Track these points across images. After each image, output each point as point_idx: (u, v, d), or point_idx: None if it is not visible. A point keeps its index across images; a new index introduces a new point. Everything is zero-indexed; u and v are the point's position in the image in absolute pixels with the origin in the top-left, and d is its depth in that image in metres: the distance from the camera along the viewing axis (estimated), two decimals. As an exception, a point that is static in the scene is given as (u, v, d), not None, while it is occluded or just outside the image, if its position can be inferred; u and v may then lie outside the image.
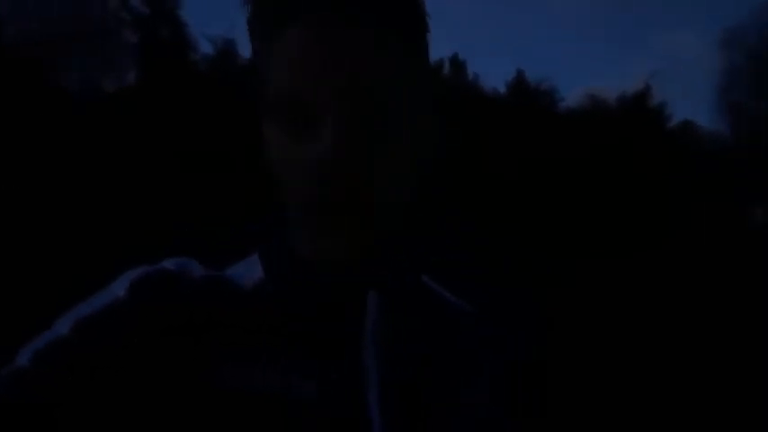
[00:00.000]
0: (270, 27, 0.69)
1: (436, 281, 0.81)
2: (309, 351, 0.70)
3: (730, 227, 13.30)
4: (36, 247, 8.91)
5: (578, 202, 12.83)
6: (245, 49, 14.26)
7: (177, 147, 11.28)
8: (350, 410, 0.69)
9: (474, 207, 11.42)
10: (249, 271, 0.75)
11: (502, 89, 15.25)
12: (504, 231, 11.53)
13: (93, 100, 11.99)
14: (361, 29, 0.67)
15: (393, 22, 0.69)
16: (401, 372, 0.72)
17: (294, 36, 0.67)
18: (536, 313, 0.82)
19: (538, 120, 13.80)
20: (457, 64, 15.40)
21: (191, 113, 11.88)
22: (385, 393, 0.70)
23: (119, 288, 0.72)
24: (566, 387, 0.81)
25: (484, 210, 11.63)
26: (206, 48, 15.37)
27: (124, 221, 9.71)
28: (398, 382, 0.71)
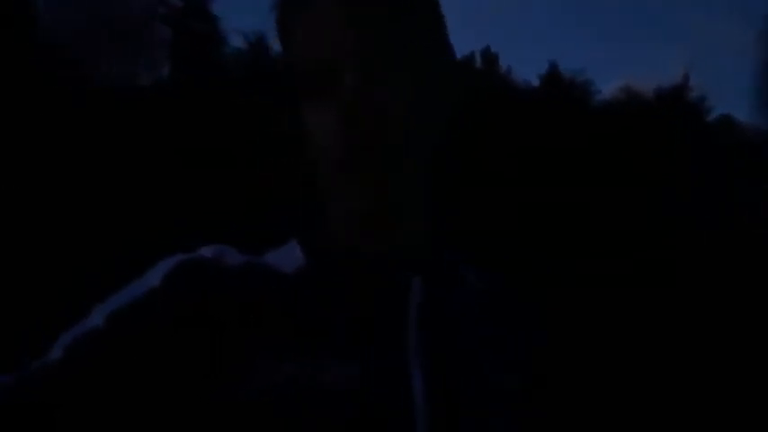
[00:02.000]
0: (297, 2, 0.73)
1: (471, 270, 0.82)
2: (352, 336, 0.70)
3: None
4: (75, 235, 9.02)
5: (613, 197, 12.62)
6: (276, 43, 14.27)
7: (208, 140, 11.35)
8: (393, 396, 0.68)
9: (506, 200, 11.29)
10: (288, 257, 0.75)
11: (535, 82, 15.13)
12: (535, 226, 11.39)
13: (128, 94, 12.12)
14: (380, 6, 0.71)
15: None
16: (444, 357, 0.72)
17: (321, 5, 0.71)
18: (553, 312, 0.84)
19: (572, 113, 13.60)
20: (489, 57, 15.27)
21: (222, 107, 11.94)
22: (428, 379, 0.70)
23: (154, 278, 0.71)
24: (582, 383, 0.82)
25: (516, 203, 11.49)
26: (237, 42, 15.42)
27: (159, 210, 9.78)
28: (441, 367, 0.71)
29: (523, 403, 0.75)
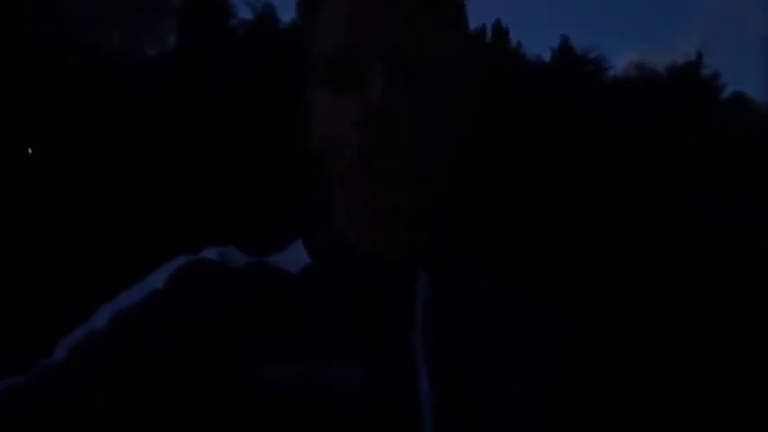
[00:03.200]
0: None
1: (480, 266, 0.81)
2: (359, 335, 0.70)
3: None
4: (75, 224, 8.95)
5: (626, 173, 12.51)
6: (284, 14, 14.20)
7: (215, 111, 11.22)
8: (399, 396, 0.68)
9: (516, 177, 11.20)
10: (293, 257, 0.75)
11: (546, 57, 14.94)
12: (545, 203, 11.31)
13: (135, 64, 11.98)
14: None
15: None
16: (450, 356, 0.71)
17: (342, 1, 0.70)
18: (568, 308, 0.83)
19: (584, 89, 13.44)
20: (499, 31, 15.04)
21: (229, 77, 11.80)
22: (435, 378, 0.70)
23: (158, 279, 0.71)
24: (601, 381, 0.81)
25: (526, 180, 11.40)
26: (245, 13, 15.22)
27: (165, 192, 9.69)
28: (448, 367, 0.71)
29: (534, 404, 0.74)
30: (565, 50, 14.35)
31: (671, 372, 8.29)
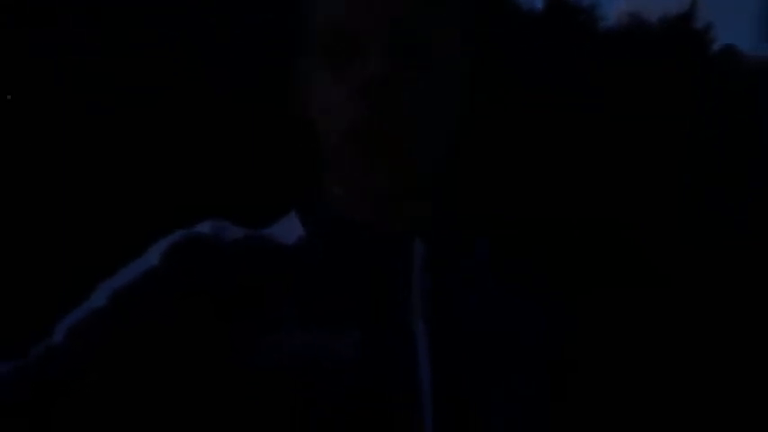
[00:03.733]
0: None
1: (480, 239, 0.81)
2: (356, 307, 0.72)
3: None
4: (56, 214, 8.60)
5: (614, 129, 12.38)
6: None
7: (192, 80, 10.74)
8: (398, 364, 0.70)
9: (504, 130, 11.00)
10: (288, 229, 0.77)
11: (537, 4, 14.69)
12: (533, 160, 11.14)
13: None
14: None
15: None
16: (449, 322, 0.74)
17: None
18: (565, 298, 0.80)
19: (576, 39, 13.24)
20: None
21: (205, 43, 11.32)
22: (433, 345, 0.72)
23: (154, 256, 0.75)
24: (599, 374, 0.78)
25: (515, 135, 11.21)
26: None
27: (150, 170, 9.30)
28: (447, 333, 0.73)
29: (531, 387, 0.74)
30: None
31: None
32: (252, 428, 0.65)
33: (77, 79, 9.57)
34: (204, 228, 0.75)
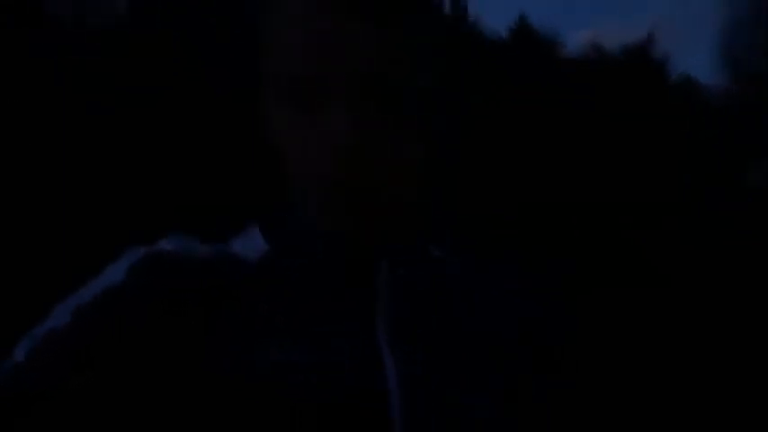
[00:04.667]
0: None
1: (444, 250, 0.79)
2: (318, 321, 0.69)
3: (729, 185, 13.23)
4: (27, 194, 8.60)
5: (576, 157, 12.69)
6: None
7: (170, 92, 10.85)
8: (365, 379, 0.67)
9: (475, 154, 11.22)
10: (252, 244, 0.73)
11: (502, 32, 14.98)
12: (503, 181, 11.38)
13: (85, 30, 11.51)
14: (375, 14, 0.64)
15: (405, 7, 0.66)
16: (414, 340, 0.71)
17: (300, 16, 0.64)
18: (546, 288, 0.81)
19: (539, 67, 13.55)
20: (457, 4, 14.98)
21: (183, 43, 11.45)
22: (399, 360, 0.69)
23: (117, 273, 0.69)
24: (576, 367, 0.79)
25: (485, 158, 11.44)
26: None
27: (113, 165, 9.36)
28: (412, 349, 0.70)
29: (503, 380, 0.73)
30: (521, 28, 14.45)
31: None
32: None
33: (73, 80, 9.55)
34: (168, 244, 0.72)
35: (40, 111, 9.22)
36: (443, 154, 0.76)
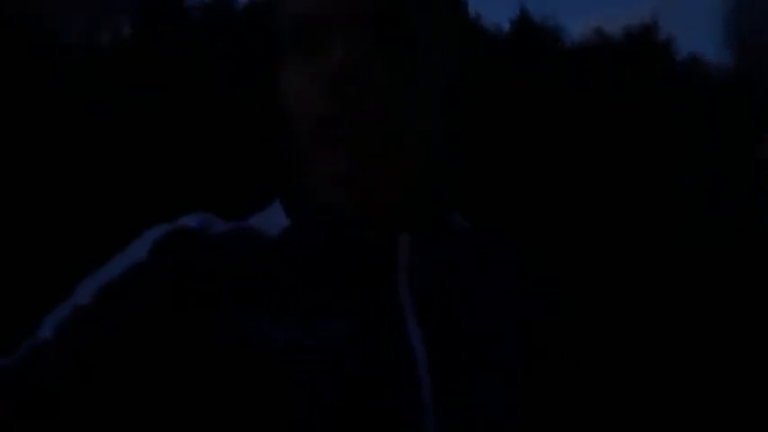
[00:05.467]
0: None
1: (469, 221, 0.80)
2: (342, 294, 0.69)
3: (737, 161, 13.15)
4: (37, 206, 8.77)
5: (583, 143, 12.67)
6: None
7: (174, 96, 11.04)
8: (392, 352, 0.68)
9: (478, 149, 11.26)
10: (272, 220, 0.74)
11: (504, 26, 14.95)
12: (509, 174, 11.40)
13: (89, 51, 11.70)
14: None
15: None
16: (438, 310, 0.71)
17: None
18: (558, 278, 0.82)
19: (543, 58, 13.51)
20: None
21: (187, 62, 11.63)
22: (424, 326, 0.69)
23: (140, 250, 0.70)
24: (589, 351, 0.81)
25: (489, 152, 11.47)
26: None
27: (124, 178, 9.54)
28: (436, 319, 0.70)
29: (522, 360, 0.74)
30: (523, 20, 14.42)
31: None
32: (247, 417, 0.65)
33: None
34: (189, 221, 0.72)
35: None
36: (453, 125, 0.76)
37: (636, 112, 13.43)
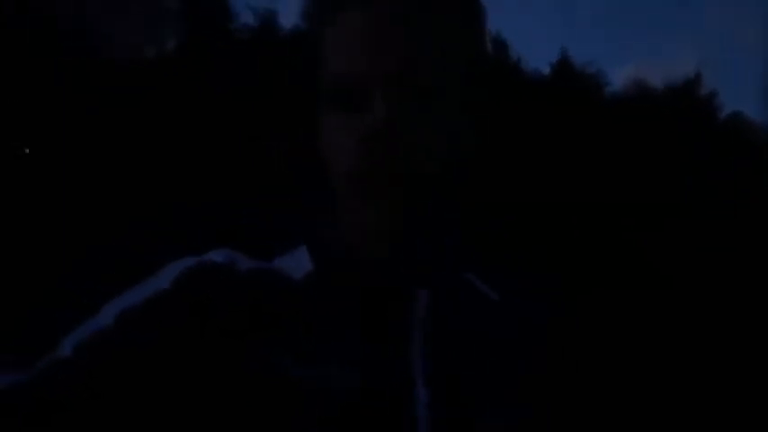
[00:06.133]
0: (328, 12, 0.72)
1: (479, 276, 0.81)
2: (356, 344, 0.70)
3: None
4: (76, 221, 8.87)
5: (620, 192, 12.53)
6: (286, 21, 14.17)
7: (213, 117, 11.15)
8: (396, 406, 0.68)
9: (516, 194, 11.19)
10: (297, 263, 0.75)
11: (545, 71, 14.93)
12: (545, 221, 11.30)
13: (133, 67, 11.88)
14: (416, 13, 0.69)
15: (448, 7, 0.72)
16: (447, 368, 0.71)
17: (352, 19, 0.70)
18: (565, 308, 0.82)
19: (583, 104, 13.46)
20: (499, 44, 15.03)
21: (230, 83, 11.75)
22: (431, 387, 0.70)
23: (165, 280, 0.71)
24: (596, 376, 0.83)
25: (526, 198, 11.39)
26: (247, 18, 15.15)
27: (161, 194, 9.62)
28: (444, 377, 0.71)
29: (534, 419, 0.73)
30: (564, 65, 14.38)
31: (671, 371, 8.24)
32: None
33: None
34: (217, 256, 0.73)
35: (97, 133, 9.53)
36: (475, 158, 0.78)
37: (674, 163, 13.25)
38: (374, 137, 0.68)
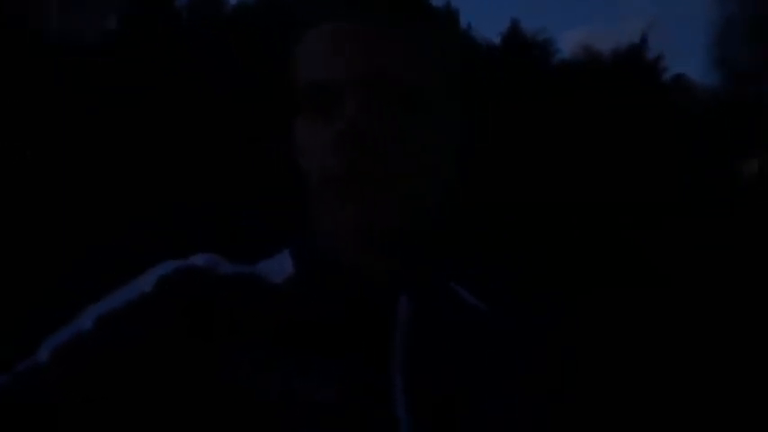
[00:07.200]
0: (304, 18, 0.74)
1: (462, 285, 0.80)
2: (335, 352, 0.69)
3: (722, 182, 13.28)
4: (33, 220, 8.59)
5: (572, 160, 12.71)
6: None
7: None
8: (375, 411, 0.68)
9: (471, 164, 11.22)
10: (280, 267, 0.75)
11: (494, 39, 14.98)
12: (501, 191, 11.41)
13: (72, 45, 11.47)
14: (388, 20, 0.71)
15: (420, 14, 0.73)
16: (428, 379, 0.71)
17: (325, 31, 0.72)
18: (557, 313, 0.86)
19: (532, 74, 13.57)
20: (449, 13, 14.98)
21: (172, 61, 11.46)
22: (411, 399, 0.69)
23: (145, 284, 0.71)
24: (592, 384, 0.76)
25: (481, 168, 11.47)
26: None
27: (110, 187, 9.36)
28: (425, 389, 0.70)
29: (518, 425, 0.73)
30: (514, 34, 14.45)
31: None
32: None
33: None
34: (197, 260, 0.73)
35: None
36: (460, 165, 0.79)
37: (624, 127, 13.49)
38: (346, 138, 0.68)
